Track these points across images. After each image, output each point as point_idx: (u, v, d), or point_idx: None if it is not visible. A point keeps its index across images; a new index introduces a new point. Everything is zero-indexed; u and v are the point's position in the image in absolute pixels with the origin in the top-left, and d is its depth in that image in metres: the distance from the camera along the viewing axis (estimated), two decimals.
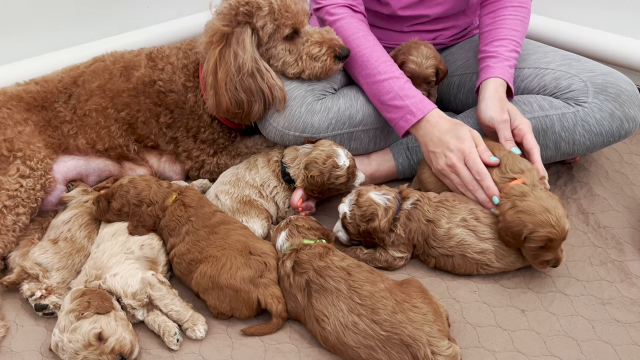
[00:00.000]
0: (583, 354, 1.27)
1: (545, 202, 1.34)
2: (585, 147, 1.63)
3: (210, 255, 1.36)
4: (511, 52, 1.64)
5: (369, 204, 1.44)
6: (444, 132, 1.51)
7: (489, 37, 1.68)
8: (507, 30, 1.66)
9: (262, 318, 1.35)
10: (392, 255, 1.46)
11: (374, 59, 1.62)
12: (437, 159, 1.52)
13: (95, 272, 1.33)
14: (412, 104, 1.55)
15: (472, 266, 1.43)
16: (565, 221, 1.33)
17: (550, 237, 1.32)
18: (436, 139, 1.52)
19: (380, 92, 1.60)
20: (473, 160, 1.46)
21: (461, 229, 1.41)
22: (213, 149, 1.75)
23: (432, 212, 1.44)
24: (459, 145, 1.48)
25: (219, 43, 1.53)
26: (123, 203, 1.46)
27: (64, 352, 1.20)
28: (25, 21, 1.89)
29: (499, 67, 1.61)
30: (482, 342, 1.30)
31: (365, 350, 1.19)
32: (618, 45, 2.10)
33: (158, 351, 1.28)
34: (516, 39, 1.66)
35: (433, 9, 1.80)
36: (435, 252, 1.44)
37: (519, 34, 1.67)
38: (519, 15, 1.69)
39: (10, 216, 1.46)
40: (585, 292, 1.42)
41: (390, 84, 1.59)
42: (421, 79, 1.68)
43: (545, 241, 1.33)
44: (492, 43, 1.65)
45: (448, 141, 1.49)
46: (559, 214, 1.32)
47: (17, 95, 1.62)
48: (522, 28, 1.69)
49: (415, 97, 1.56)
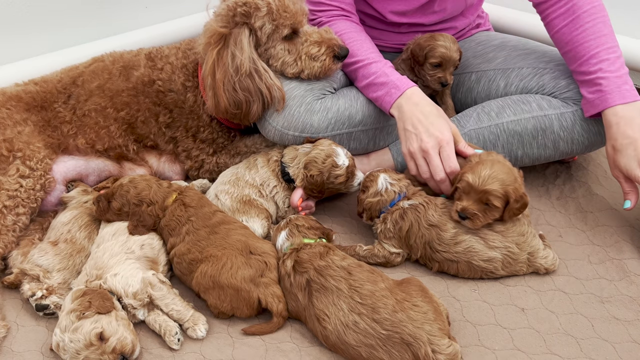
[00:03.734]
0: (582, 352, 1.27)
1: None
2: (584, 146, 1.63)
3: (210, 254, 1.36)
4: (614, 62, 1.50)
5: (371, 180, 1.51)
6: (426, 114, 1.49)
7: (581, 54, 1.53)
8: (595, 40, 1.50)
9: (263, 317, 1.35)
10: (387, 250, 1.47)
11: (363, 49, 1.65)
12: (411, 140, 1.49)
13: (95, 272, 1.33)
14: (396, 79, 1.57)
15: (477, 273, 1.43)
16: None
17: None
18: (416, 120, 1.49)
19: (367, 74, 1.62)
20: (448, 154, 1.45)
21: (470, 235, 1.40)
22: (212, 148, 1.75)
23: (437, 217, 1.43)
24: (438, 134, 1.46)
25: (217, 44, 1.53)
26: (123, 203, 1.46)
27: (66, 352, 1.20)
28: (24, 21, 1.89)
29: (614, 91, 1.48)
30: (483, 340, 1.30)
31: (366, 349, 1.20)
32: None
33: (159, 351, 1.28)
34: (608, 45, 1.50)
35: (428, 17, 1.80)
36: (439, 256, 1.43)
37: (608, 38, 1.51)
38: (597, 18, 1.52)
39: (10, 216, 1.46)
40: (585, 291, 1.42)
41: (377, 66, 1.61)
42: (451, 62, 1.71)
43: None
44: (588, 62, 1.51)
45: (428, 126, 1.47)
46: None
47: (16, 96, 1.62)
48: (608, 30, 1.52)
49: (398, 75, 1.59)
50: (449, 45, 1.70)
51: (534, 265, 1.43)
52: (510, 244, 1.40)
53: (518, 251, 1.41)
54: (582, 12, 1.52)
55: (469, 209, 1.37)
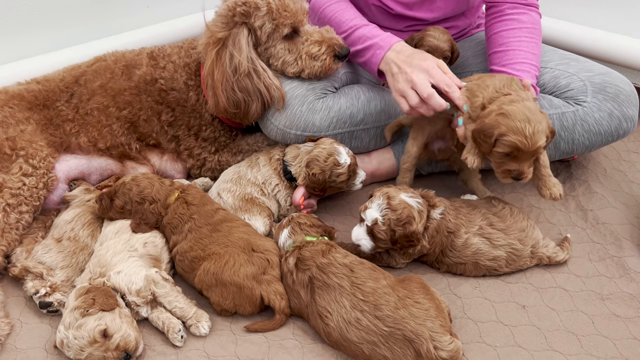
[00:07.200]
0: (583, 349, 1.28)
1: (530, 113, 1.28)
2: (584, 146, 1.64)
3: (213, 252, 1.36)
4: (532, 78, 1.57)
5: (404, 207, 1.35)
6: (410, 55, 1.53)
7: (505, 57, 1.61)
8: (525, 53, 1.59)
9: (266, 314, 1.36)
10: (396, 261, 1.46)
11: (346, 18, 1.67)
12: (397, 80, 1.51)
13: (99, 270, 1.34)
14: (380, 40, 1.60)
15: (482, 271, 1.44)
16: (540, 138, 1.28)
17: (519, 146, 1.28)
18: (400, 62, 1.53)
19: (353, 41, 1.64)
20: (440, 75, 1.46)
21: (477, 238, 1.41)
22: (214, 146, 1.75)
23: (453, 222, 1.42)
24: (421, 63, 1.48)
25: (216, 44, 1.54)
26: (126, 201, 1.47)
27: (69, 349, 1.20)
28: (26, 21, 1.89)
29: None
30: (484, 337, 1.31)
31: (368, 346, 1.20)
32: (611, 44, 2.10)
33: (162, 348, 1.29)
34: (534, 63, 1.59)
35: (433, 13, 1.81)
36: (449, 260, 1.44)
37: (536, 58, 1.60)
38: (533, 38, 1.62)
39: (13, 214, 1.46)
40: (585, 288, 1.43)
41: (361, 31, 1.64)
42: (439, 52, 1.71)
43: (513, 149, 1.29)
44: (513, 66, 1.58)
45: (410, 61, 1.50)
46: (537, 129, 1.27)
47: (18, 94, 1.62)
48: (538, 51, 1.62)
49: (382, 34, 1.62)
50: (439, 36, 1.71)
51: (537, 256, 1.45)
52: (513, 240, 1.41)
53: (521, 247, 1.42)
54: (525, 27, 1.61)
55: (526, 172, 1.32)
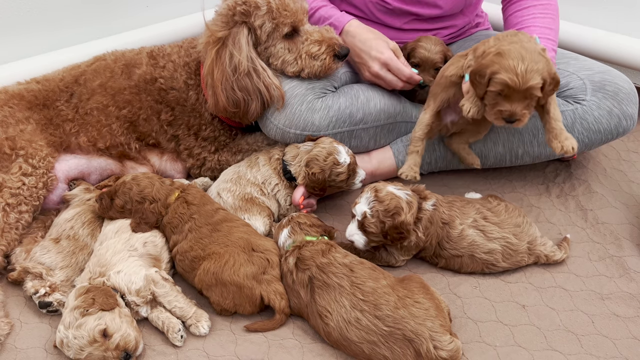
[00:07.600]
0: (583, 348, 1.28)
1: (526, 52, 1.24)
2: (583, 144, 1.64)
3: (213, 252, 1.36)
4: (551, 52, 1.55)
5: (391, 198, 1.37)
6: (364, 41, 1.65)
7: None
8: (541, 29, 1.59)
9: (266, 314, 1.36)
10: (395, 259, 1.47)
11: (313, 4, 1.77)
12: (362, 70, 1.69)
13: (99, 270, 1.34)
14: (334, 20, 1.69)
15: (479, 266, 1.44)
16: (533, 77, 1.23)
17: (509, 83, 1.24)
18: (358, 50, 1.66)
19: (313, 23, 1.71)
20: (397, 67, 1.62)
21: (472, 230, 1.42)
22: (214, 146, 1.75)
23: (447, 213, 1.43)
24: (379, 56, 1.62)
25: (216, 44, 1.54)
26: (126, 200, 1.47)
27: (69, 349, 1.20)
28: (25, 21, 1.89)
29: None
30: (484, 337, 1.31)
31: (368, 346, 1.20)
32: (611, 44, 2.10)
33: (162, 347, 1.29)
34: (551, 37, 1.59)
35: (431, 9, 1.81)
36: (447, 253, 1.44)
37: (553, 33, 1.61)
38: (549, 14, 1.64)
39: (13, 214, 1.46)
40: (585, 288, 1.43)
41: (319, 13, 1.75)
42: (430, 64, 1.71)
43: (503, 86, 1.26)
44: None
45: (369, 51, 1.64)
46: (530, 68, 1.23)
47: (18, 94, 1.62)
48: (555, 26, 1.63)
49: (336, 14, 1.71)
50: (430, 47, 1.71)
51: (535, 253, 1.45)
52: (508, 234, 1.42)
53: (517, 242, 1.42)
54: (539, 4, 1.66)
55: (517, 112, 1.29)
